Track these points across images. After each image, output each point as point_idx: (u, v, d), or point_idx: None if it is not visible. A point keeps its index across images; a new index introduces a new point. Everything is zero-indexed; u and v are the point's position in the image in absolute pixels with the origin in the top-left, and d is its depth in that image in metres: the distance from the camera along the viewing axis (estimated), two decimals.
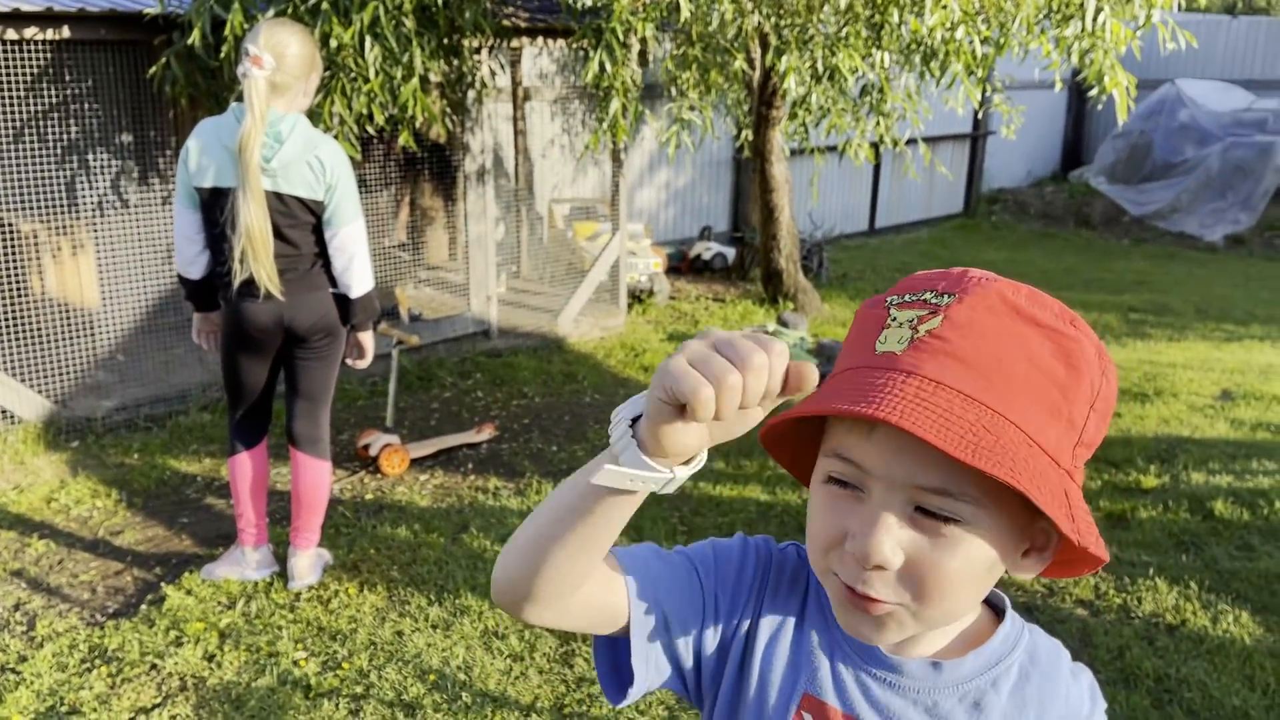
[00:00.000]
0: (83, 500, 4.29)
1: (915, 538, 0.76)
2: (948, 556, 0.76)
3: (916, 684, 0.86)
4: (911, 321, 0.77)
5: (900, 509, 0.76)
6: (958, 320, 0.75)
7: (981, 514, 0.75)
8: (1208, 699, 2.99)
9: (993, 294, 0.76)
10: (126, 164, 5.63)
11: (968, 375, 0.74)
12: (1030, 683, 0.87)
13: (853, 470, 0.78)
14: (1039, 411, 0.74)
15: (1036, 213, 13.09)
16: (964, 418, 0.72)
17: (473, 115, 6.05)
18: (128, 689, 2.98)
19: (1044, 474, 0.73)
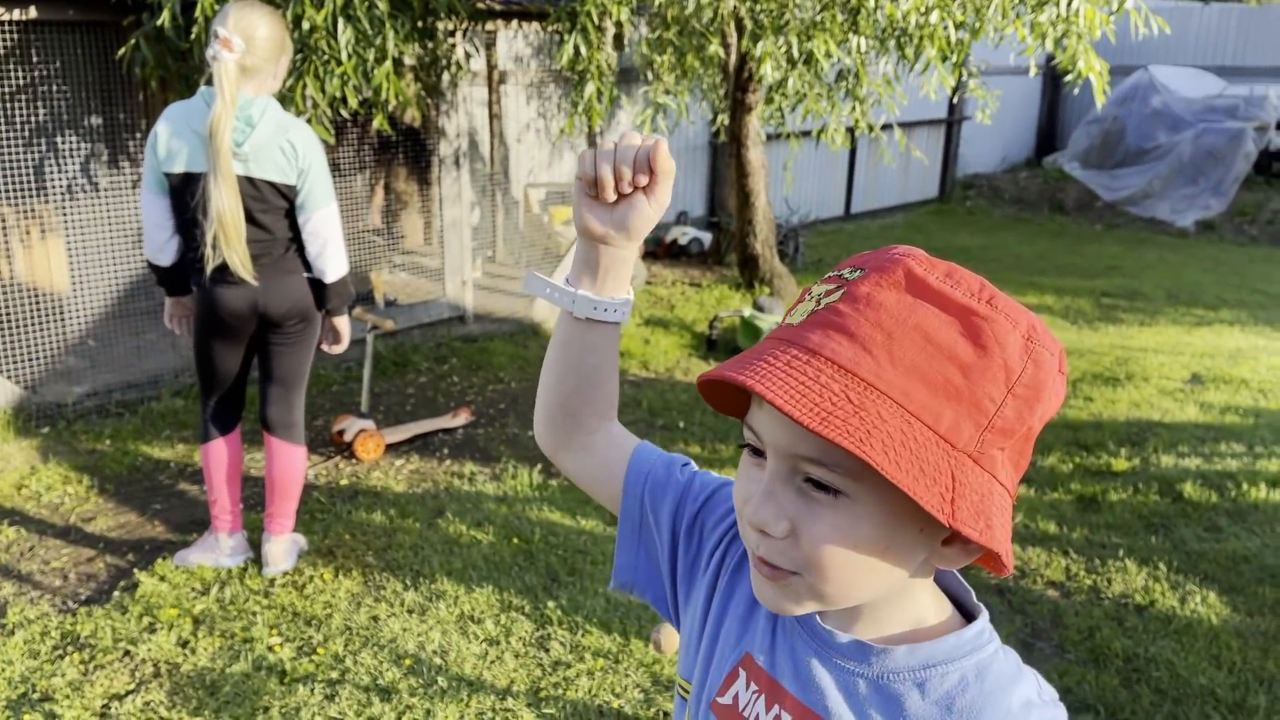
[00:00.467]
0: (54, 487, 4.25)
1: (799, 507, 0.77)
2: (827, 529, 0.75)
3: (842, 661, 0.85)
4: (820, 296, 0.78)
5: (788, 477, 0.77)
6: (856, 295, 0.76)
7: (863, 489, 0.74)
8: (1175, 678, 3.04)
9: (900, 270, 0.76)
10: (96, 147, 5.56)
11: (849, 347, 0.73)
12: (964, 696, 0.80)
13: (754, 438, 0.80)
14: (930, 390, 0.72)
15: (1011, 198, 13.16)
16: (828, 387, 0.71)
17: (447, 99, 6.01)
18: (100, 676, 2.96)
19: (920, 452, 0.71)
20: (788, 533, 0.77)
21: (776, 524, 0.77)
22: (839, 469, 0.74)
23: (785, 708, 0.87)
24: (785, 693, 0.87)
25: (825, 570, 0.77)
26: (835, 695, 0.84)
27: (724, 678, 0.93)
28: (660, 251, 9.07)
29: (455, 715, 2.80)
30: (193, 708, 2.82)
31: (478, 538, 3.84)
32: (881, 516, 0.75)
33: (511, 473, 4.46)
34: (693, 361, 6.32)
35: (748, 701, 0.90)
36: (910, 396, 0.72)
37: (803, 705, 0.86)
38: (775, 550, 0.78)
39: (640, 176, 0.93)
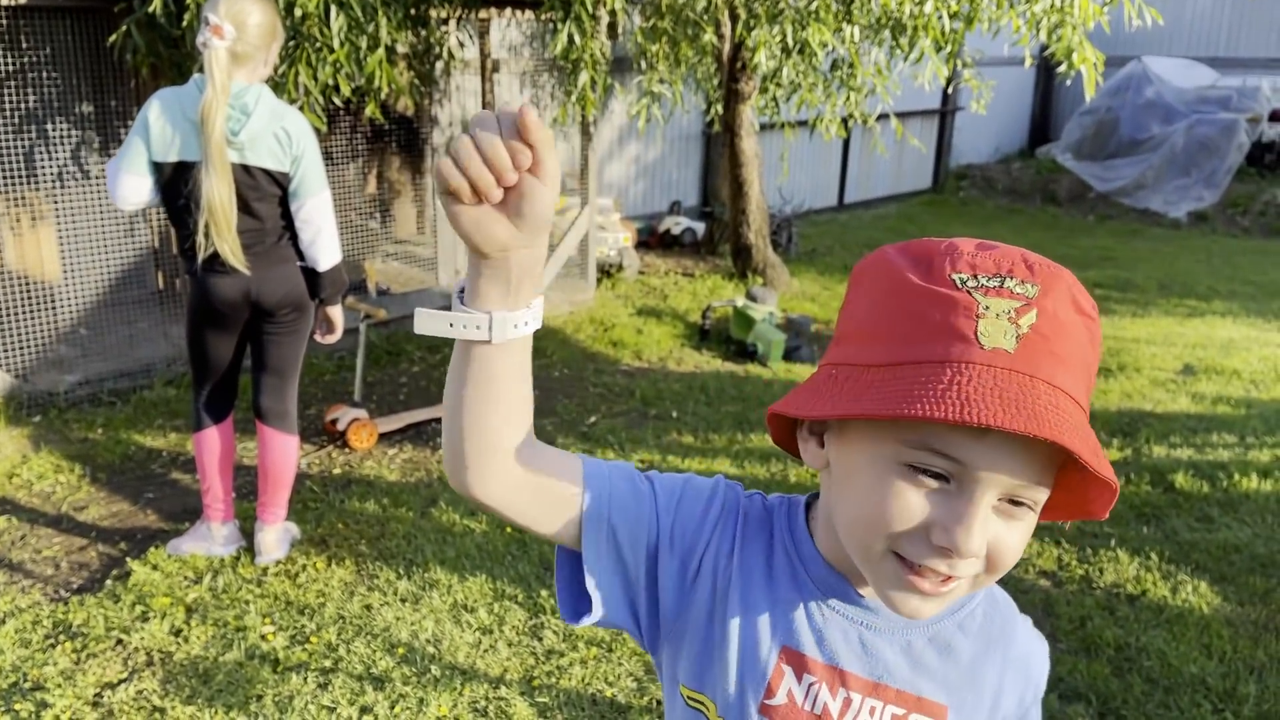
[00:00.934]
0: (45, 475, 4.24)
1: (997, 524, 0.81)
2: (1020, 537, 0.82)
3: (889, 623, 0.91)
4: (1009, 314, 0.79)
5: (994, 502, 0.81)
6: (1049, 314, 0.79)
7: (1046, 495, 0.83)
8: (1166, 667, 3.06)
9: (1064, 286, 0.81)
10: (87, 134, 5.53)
11: (1069, 376, 0.79)
12: (993, 623, 0.95)
13: (949, 464, 0.79)
14: (1088, 388, 0.82)
15: (1004, 189, 13.17)
16: (1078, 419, 0.78)
17: (440, 87, 5.99)
18: (93, 664, 2.96)
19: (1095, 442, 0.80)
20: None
21: (983, 549, 0.81)
22: (1045, 485, 0.81)
23: (851, 687, 0.91)
24: (847, 674, 0.91)
25: (1002, 569, 0.83)
26: (893, 658, 0.91)
27: (767, 679, 0.92)
28: (653, 241, 9.06)
29: (448, 704, 2.80)
30: (185, 696, 2.81)
31: (471, 527, 3.84)
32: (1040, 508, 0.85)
33: None
34: (685, 351, 6.32)
35: (806, 694, 0.92)
36: (1085, 397, 0.81)
37: (865, 680, 0.91)
38: (963, 565, 0.82)
39: (520, 158, 0.76)
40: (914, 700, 0.91)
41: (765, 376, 5.85)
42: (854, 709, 0.91)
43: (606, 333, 6.54)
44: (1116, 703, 2.90)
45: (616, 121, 9.04)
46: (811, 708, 0.91)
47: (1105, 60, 5.45)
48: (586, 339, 6.43)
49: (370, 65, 4.42)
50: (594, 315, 6.88)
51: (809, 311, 7.24)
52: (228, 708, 2.77)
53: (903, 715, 0.91)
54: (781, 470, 4.46)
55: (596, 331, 6.57)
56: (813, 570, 0.93)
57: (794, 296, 7.67)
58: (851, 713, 0.91)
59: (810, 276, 8.33)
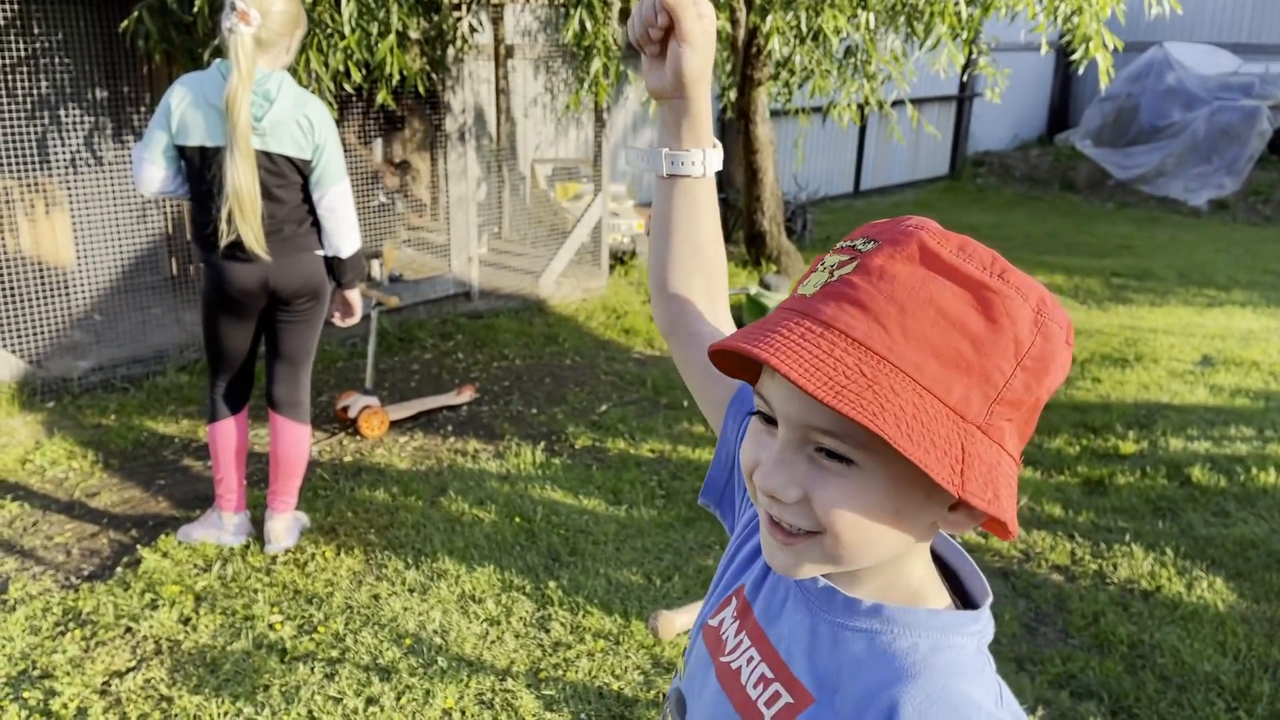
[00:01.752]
0: (58, 461, 4.25)
1: (811, 474, 0.78)
2: (838, 494, 0.77)
3: (816, 601, 0.87)
4: (833, 266, 0.79)
5: (799, 446, 0.79)
6: (870, 266, 0.76)
7: (872, 459, 0.76)
8: (1180, 665, 3.02)
9: (914, 242, 0.77)
10: (100, 120, 5.53)
11: (862, 320, 0.74)
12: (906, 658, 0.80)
13: (765, 406, 0.81)
14: (941, 363, 0.73)
15: (1021, 176, 13.06)
16: (842, 361, 0.73)
17: (453, 74, 5.96)
18: (102, 652, 2.96)
19: (930, 424, 0.72)
20: (799, 499, 0.79)
21: (787, 490, 0.79)
22: (850, 440, 0.76)
23: (747, 632, 0.93)
24: (753, 621, 0.92)
25: (839, 531, 0.78)
26: (794, 628, 0.88)
27: (719, 603, 0.98)
28: None
29: (455, 696, 2.80)
30: (193, 685, 2.82)
31: (480, 516, 3.83)
32: (891, 483, 0.77)
33: (515, 451, 4.44)
34: None
35: (728, 626, 0.95)
36: (922, 370, 0.73)
37: (760, 631, 0.91)
38: (789, 514, 0.80)
39: (660, 16, 1.01)
40: (787, 674, 0.87)
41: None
42: (739, 650, 0.92)
43: (619, 320, 6.51)
44: (1129, 700, 2.87)
45: (631, 108, 8.99)
46: (723, 636, 0.95)
47: (1125, 46, 5.37)
48: (599, 327, 6.41)
49: (381, 51, 4.40)
50: (607, 303, 6.86)
51: None
52: (234, 697, 2.77)
53: (770, 679, 0.88)
54: None
55: (609, 319, 6.55)
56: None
57: None
58: (736, 653, 0.92)
59: None
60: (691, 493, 4.10)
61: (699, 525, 3.83)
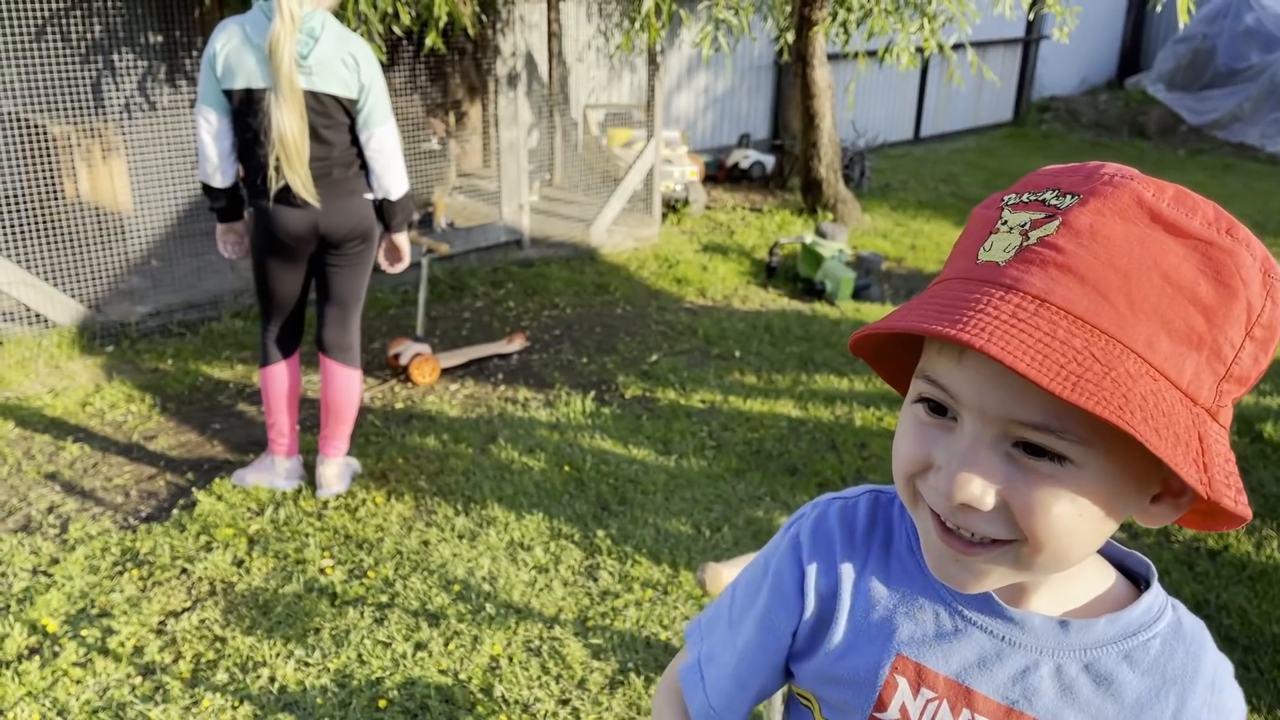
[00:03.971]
0: (117, 405, 4.32)
1: (1012, 475, 0.67)
2: (1051, 500, 0.66)
3: (1038, 642, 0.76)
4: (1024, 226, 0.67)
5: (995, 443, 0.67)
6: (1077, 226, 0.64)
7: (1092, 455, 0.65)
8: (1247, 625, 2.93)
9: (1126, 195, 0.65)
10: (154, 64, 5.53)
11: (1081, 293, 0.63)
12: (1174, 658, 0.76)
13: (943, 394, 0.69)
14: (1172, 339, 0.63)
15: (1089, 122, 12.64)
16: (1069, 344, 0.61)
17: (503, 16, 5.86)
18: (158, 592, 3.01)
19: (1170, 413, 0.62)
20: (996, 504, 0.67)
21: (985, 497, 0.67)
22: (1071, 436, 0.64)
23: (978, 709, 0.78)
24: (975, 694, 0.78)
25: (1044, 541, 0.67)
26: (1037, 683, 0.76)
27: (878, 690, 0.81)
28: (720, 175, 8.88)
29: (502, 642, 2.80)
30: (246, 626, 2.85)
31: (529, 464, 3.82)
32: (1107, 481, 0.66)
33: (565, 399, 4.42)
34: (751, 289, 6.19)
35: (923, 711, 0.80)
36: (1154, 348, 0.62)
37: (997, 704, 0.77)
38: (979, 521, 0.68)
39: None
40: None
41: (833, 316, 5.71)
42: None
43: (671, 269, 6.44)
44: None
45: (685, 52, 8.82)
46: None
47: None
48: (650, 276, 6.35)
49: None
50: (658, 251, 6.78)
51: (880, 249, 7.04)
52: (286, 639, 2.80)
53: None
54: (846, 413, 4.36)
55: (660, 268, 6.48)
56: None
57: (865, 233, 7.47)
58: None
59: (883, 212, 8.10)
60: (743, 444, 4.05)
61: (749, 476, 3.78)
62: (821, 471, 3.85)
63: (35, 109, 4.90)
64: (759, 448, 4.03)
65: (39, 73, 4.76)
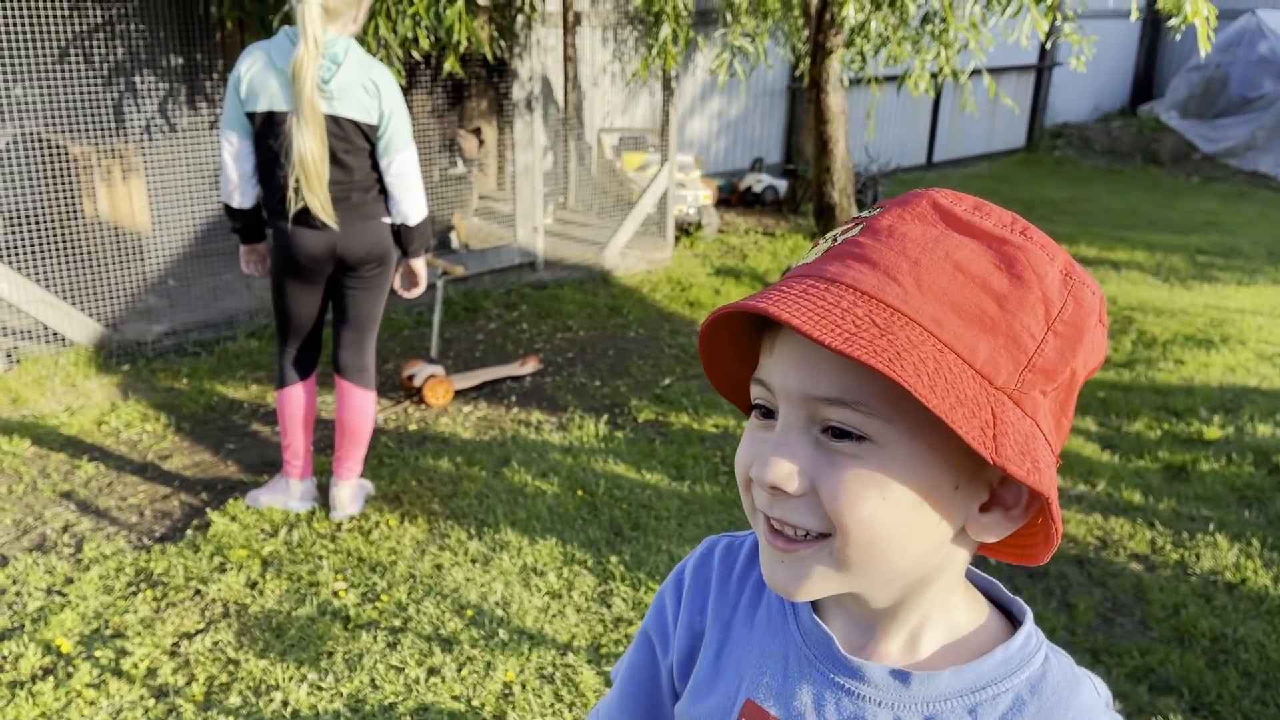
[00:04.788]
0: (132, 424, 4.33)
1: (819, 460, 0.68)
2: (854, 482, 0.66)
3: (878, 694, 0.74)
4: (834, 235, 0.72)
5: (803, 427, 0.68)
6: (877, 227, 0.69)
7: (894, 433, 0.66)
8: (1265, 661, 2.90)
9: (924, 201, 0.70)
10: (175, 87, 5.59)
11: (871, 274, 0.66)
12: (1022, 715, 0.72)
13: (765, 392, 0.71)
14: (962, 319, 0.64)
15: (1102, 148, 12.65)
16: (850, 311, 0.64)
17: (520, 41, 5.91)
18: (172, 614, 3.01)
19: (954, 381, 0.63)
20: (805, 489, 0.68)
21: (790, 478, 0.68)
22: (864, 408, 0.66)
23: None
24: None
25: (850, 527, 0.67)
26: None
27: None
28: (733, 199, 8.91)
29: (516, 668, 2.79)
30: (259, 649, 2.85)
31: (542, 488, 3.81)
32: (913, 464, 0.67)
33: (578, 423, 4.42)
34: None
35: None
36: (942, 325, 0.64)
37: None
38: (792, 511, 0.69)
39: None
40: None
41: None
42: None
43: (684, 293, 6.45)
44: (1210, 697, 2.76)
45: (699, 76, 8.86)
46: None
47: (1217, 14, 5.13)
48: (663, 299, 6.36)
49: (450, 18, 4.36)
50: (671, 275, 6.79)
51: None
52: (299, 663, 2.79)
53: None
54: None
55: (673, 291, 6.49)
56: (803, 618, 0.79)
57: None
58: None
59: None
60: None
61: None
62: None
63: (57, 129, 4.95)
64: None
65: (63, 94, 4.81)
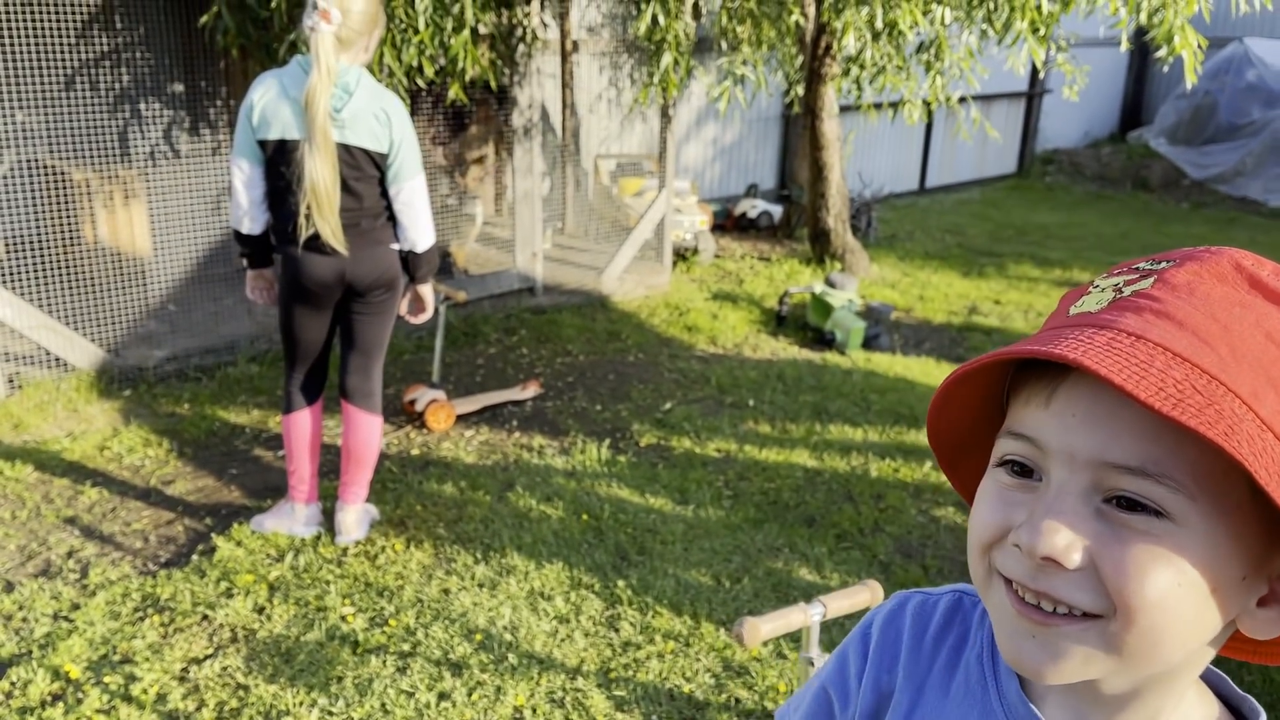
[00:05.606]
0: (135, 449, 4.34)
1: (1102, 532, 0.60)
2: (1146, 560, 0.59)
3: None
4: (1117, 285, 0.65)
5: (1083, 495, 0.61)
6: (1174, 282, 0.62)
7: (1194, 511, 0.59)
8: None
9: (1225, 260, 0.63)
10: (178, 114, 5.63)
11: (1180, 334, 0.59)
12: None
13: (1028, 448, 0.64)
14: (1277, 394, 0.59)
15: (1092, 174, 12.77)
16: (1167, 373, 0.57)
17: (521, 69, 5.97)
18: (180, 639, 3.01)
19: (1277, 463, 0.57)
20: (1084, 564, 0.60)
21: (1072, 549, 0.60)
22: (1169, 482, 0.59)
23: None
24: None
25: (1136, 612, 0.60)
26: None
27: None
28: (729, 224, 8.97)
29: (526, 693, 2.80)
30: (268, 674, 2.85)
31: (547, 513, 3.83)
32: (1209, 549, 0.60)
33: (580, 447, 4.44)
34: (761, 337, 6.24)
35: None
36: (1260, 400, 0.58)
37: None
38: (1064, 584, 0.61)
39: None
40: None
41: (844, 365, 5.75)
42: None
43: (682, 317, 6.49)
44: None
45: (695, 103, 8.95)
46: None
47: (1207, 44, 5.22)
48: (661, 324, 6.39)
49: (455, 47, 4.41)
50: (669, 299, 6.83)
51: (889, 298, 7.10)
52: (309, 688, 2.80)
53: None
54: (862, 464, 4.38)
55: (671, 316, 6.53)
56: (1008, 695, 0.73)
57: (873, 282, 7.53)
58: None
59: (890, 262, 8.18)
60: (760, 494, 4.07)
61: (767, 527, 3.79)
62: (839, 523, 3.86)
63: (60, 155, 4.98)
64: (776, 498, 4.04)
65: (67, 120, 4.85)
